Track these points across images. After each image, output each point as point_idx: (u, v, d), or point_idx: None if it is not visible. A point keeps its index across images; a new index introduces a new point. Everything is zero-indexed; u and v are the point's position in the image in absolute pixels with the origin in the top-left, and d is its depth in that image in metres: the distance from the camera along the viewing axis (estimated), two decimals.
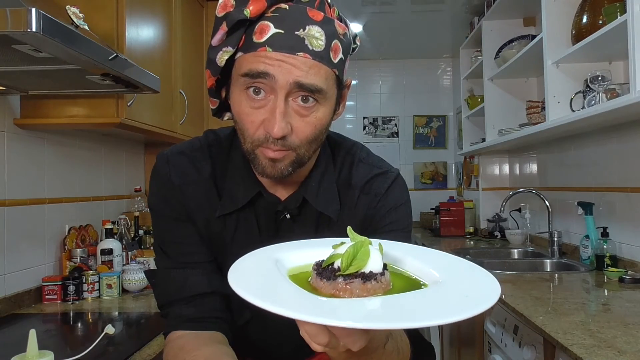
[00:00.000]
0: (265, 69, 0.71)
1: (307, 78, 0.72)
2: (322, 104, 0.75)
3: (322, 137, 0.80)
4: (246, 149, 0.78)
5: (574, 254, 2.59)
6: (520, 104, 3.08)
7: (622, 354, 1.16)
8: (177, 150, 0.90)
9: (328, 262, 0.53)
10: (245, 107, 0.75)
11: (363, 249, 0.52)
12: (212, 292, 0.88)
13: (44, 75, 1.49)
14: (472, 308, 0.46)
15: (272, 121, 0.72)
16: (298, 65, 0.71)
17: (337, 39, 0.75)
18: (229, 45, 0.74)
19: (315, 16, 0.73)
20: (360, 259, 0.52)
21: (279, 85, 0.71)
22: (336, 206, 0.88)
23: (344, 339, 0.52)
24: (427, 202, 4.49)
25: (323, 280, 0.52)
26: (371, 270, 0.51)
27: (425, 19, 3.84)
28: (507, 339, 1.79)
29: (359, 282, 0.51)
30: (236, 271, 0.53)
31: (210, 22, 2.84)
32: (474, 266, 0.57)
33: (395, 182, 0.91)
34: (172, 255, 0.89)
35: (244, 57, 0.74)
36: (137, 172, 2.79)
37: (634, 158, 2.11)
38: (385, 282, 0.52)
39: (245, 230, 0.88)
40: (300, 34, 0.71)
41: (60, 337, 1.52)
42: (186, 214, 0.88)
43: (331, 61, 0.74)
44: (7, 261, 1.77)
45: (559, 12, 2.19)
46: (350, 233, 0.55)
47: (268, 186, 0.87)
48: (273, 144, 0.74)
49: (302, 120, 0.74)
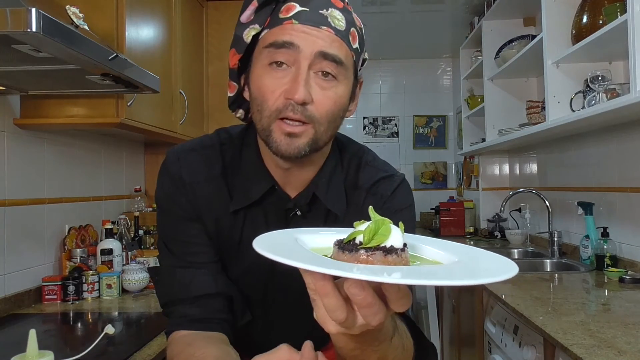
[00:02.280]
0: (291, 39, 0.74)
1: (331, 49, 0.75)
2: (341, 82, 0.78)
3: (339, 121, 0.82)
4: (262, 125, 0.78)
5: (574, 254, 2.59)
6: (520, 104, 3.08)
7: (622, 354, 1.16)
8: (188, 147, 0.90)
9: (349, 238, 0.54)
10: (266, 79, 0.76)
11: (384, 225, 0.53)
12: (217, 294, 0.87)
13: (44, 75, 1.49)
14: (498, 274, 0.47)
15: (295, 86, 0.73)
16: (322, 37, 0.75)
17: (354, 28, 0.79)
18: (256, 23, 0.78)
19: (336, 3, 0.78)
20: (382, 234, 0.52)
21: (303, 55, 0.74)
22: (343, 205, 0.88)
23: (365, 310, 0.51)
24: (427, 202, 4.49)
25: (345, 252, 0.52)
26: (392, 244, 0.52)
27: (425, 19, 3.84)
28: (507, 339, 1.79)
29: (380, 254, 0.51)
30: (259, 240, 0.55)
31: (210, 21, 2.84)
32: (488, 252, 0.58)
33: (401, 186, 0.92)
34: (178, 253, 0.88)
35: (270, 31, 0.77)
36: (137, 172, 2.79)
37: (634, 158, 2.11)
38: (405, 258, 0.53)
39: (254, 227, 0.88)
40: (324, 13, 0.76)
41: (60, 337, 1.52)
42: (194, 213, 0.87)
43: (350, 43, 0.78)
44: (7, 261, 1.77)
45: (559, 12, 2.19)
46: (372, 212, 0.55)
47: (280, 183, 0.87)
48: (292, 112, 0.75)
49: (322, 93, 0.76)
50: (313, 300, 0.54)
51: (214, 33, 2.84)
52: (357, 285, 0.49)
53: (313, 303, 0.55)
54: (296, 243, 0.58)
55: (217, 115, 2.82)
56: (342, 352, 0.63)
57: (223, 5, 2.84)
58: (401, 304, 0.51)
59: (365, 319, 0.52)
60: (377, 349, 0.63)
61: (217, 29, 2.83)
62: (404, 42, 4.43)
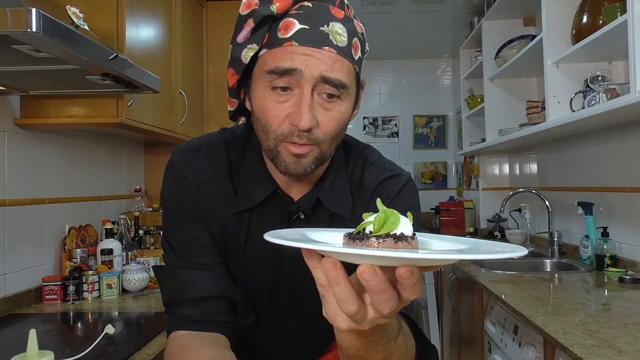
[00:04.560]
0: (292, 65, 0.72)
1: (332, 72, 0.73)
2: (344, 100, 0.77)
3: (343, 134, 0.82)
4: (269, 146, 0.78)
5: (574, 254, 2.59)
6: (520, 104, 3.07)
7: (622, 354, 1.16)
8: (194, 146, 0.89)
9: (359, 229, 0.54)
10: (269, 102, 0.75)
11: (393, 215, 0.53)
12: (219, 296, 0.87)
13: (44, 75, 1.49)
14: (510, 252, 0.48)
15: (299, 113, 0.73)
16: (323, 59, 0.73)
17: (357, 37, 0.78)
18: (253, 42, 0.76)
19: (337, 14, 0.75)
20: (391, 223, 0.53)
21: (305, 79, 0.73)
22: (349, 206, 0.88)
23: (378, 297, 0.50)
24: (427, 202, 4.48)
25: (356, 242, 0.52)
26: (402, 232, 0.52)
27: (425, 19, 3.84)
28: (507, 339, 1.79)
29: (391, 241, 0.51)
30: (272, 233, 0.56)
31: (210, 22, 2.84)
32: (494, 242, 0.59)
33: (407, 185, 0.92)
34: (181, 254, 0.88)
35: (269, 53, 0.75)
36: (137, 172, 2.79)
37: (634, 158, 2.11)
38: (416, 245, 0.53)
39: (258, 229, 0.88)
40: (325, 30, 0.73)
41: (60, 337, 1.52)
42: (199, 214, 0.87)
43: (352, 57, 0.77)
44: (7, 261, 1.77)
45: (559, 12, 2.19)
46: (380, 205, 0.56)
47: (283, 186, 0.87)
48: (298, 138, 0.74)
49: (326, 114, 0.75)
50: (323, 297, 0.54)
51: (214, 33, 2.84)
52: (370, 270, 0.49)
53: (323, 300, 0.54)
54: (305, 236, 0.59)
55: (217, 115, 2.83)
56: (347, 352, 0.63)
57: (223, 5, 2.84)
58: (414, 290, 0.51)
59: (377, 307, 0.51)
60: (383, 349, 0.63)
61: (217, 29, 2.84)
62: (404, 42, 4.43)
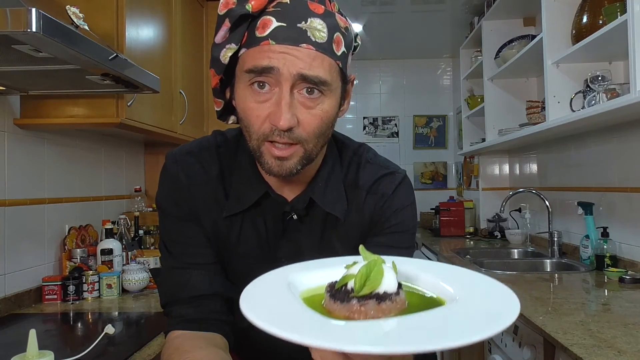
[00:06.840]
0: (270, 63, 0.71)
1: (311, 70, 0.72)
2: (327, 96, 0.75)
3: (329, 132, 0.80)
4: (252, 146, 0.78)
5: (574, 254, 2.59)
6: (520, 104, 3.08)
7: (622, 354, 1.16)
8: (185, 149, 0.90)
9: (341, 284, 0.52)
10: (250, 102, 0.75)
11: (376, 268, 0.51)
12: (213, 294, 0.87)
13: (44, 75, 1.49)
14: (493, 326, 0.45)
15: (278, 113, 0.72)
16: (301, 57, 0.71)
17: (339, 32, 0.76)
18: (232, 42, 0.75)
19: (316, 9, 0.74)
20: (374, 279, 0.51)
21: (284, 77, 0.71)
22: (343, 206, 0.87)
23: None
24: (427, 202, 4.49)
25: (337, 302, 0.51)
26: (385, 290, 0.51)
27: (425, 19, 3.84)
28: (507, 339, 1.79)
29: (373, 303, 0.50)
30: (248, 297, 0.52)
31: (210, 22, 2.84)
32: (488, 279, 0.56)
33: (402, 183, 0.91)
34: (176, 254, 0.89)
35: (248, 52, 0.74)
36: (137, 172, 2.79)
37: (634, 158, 2.11)
38: (401, 301, 0.52)
39: (251, 231, 0.88)
40: (303, 26, 0.72)
41: (60, 337, 1.52)
42: (193, 214, 0.88)
43: (334, 53, 0.75)
44: (7, 261, 1.77)
45: (559, 12, 2.19)
46: (363, 252, 0.54)
47: (275, 187, 0.86)
48: (279, 137, 0.73)
49: (308, 112, 0.74)
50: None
51: (213, 33, 2.83)
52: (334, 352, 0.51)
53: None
54: (287, 291, 0.55)
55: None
56: None
57: None
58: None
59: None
60: None
61: None
62: (404, 42, 4.43)
